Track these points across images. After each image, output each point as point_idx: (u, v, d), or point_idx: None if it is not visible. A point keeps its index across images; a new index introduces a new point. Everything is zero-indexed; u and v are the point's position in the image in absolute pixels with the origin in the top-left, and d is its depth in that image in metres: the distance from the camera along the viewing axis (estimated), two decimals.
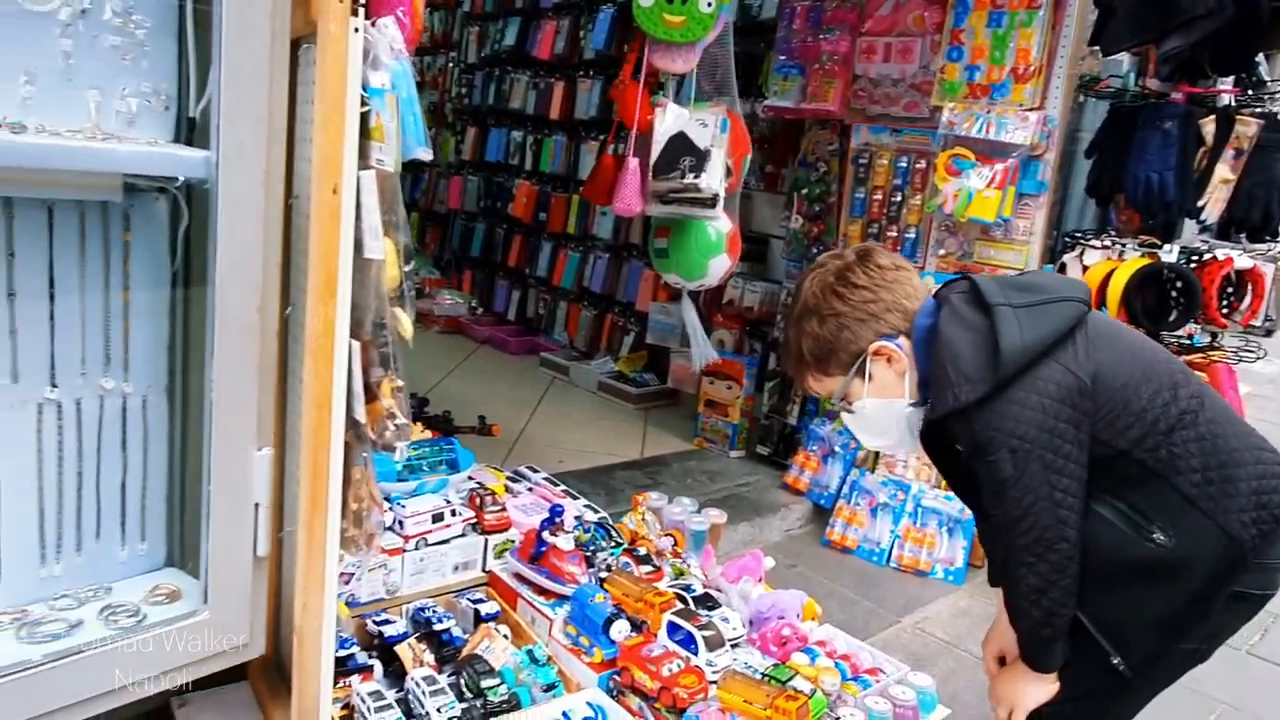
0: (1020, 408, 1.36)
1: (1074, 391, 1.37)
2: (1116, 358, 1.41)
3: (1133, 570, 1.42)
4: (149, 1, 1.44)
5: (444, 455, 2.61)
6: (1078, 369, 1.38)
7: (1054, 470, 1.36)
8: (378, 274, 1.51)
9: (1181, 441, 1.38)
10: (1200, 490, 1.37)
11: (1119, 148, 3.09)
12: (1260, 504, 1.37)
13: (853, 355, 1.53)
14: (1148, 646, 1.44)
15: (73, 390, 1.54)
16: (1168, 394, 1.40)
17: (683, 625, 2.12)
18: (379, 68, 1.45)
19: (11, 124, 1.31)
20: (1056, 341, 1.38)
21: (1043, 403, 1.36)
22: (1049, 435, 1.36)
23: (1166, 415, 1.39)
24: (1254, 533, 1.37)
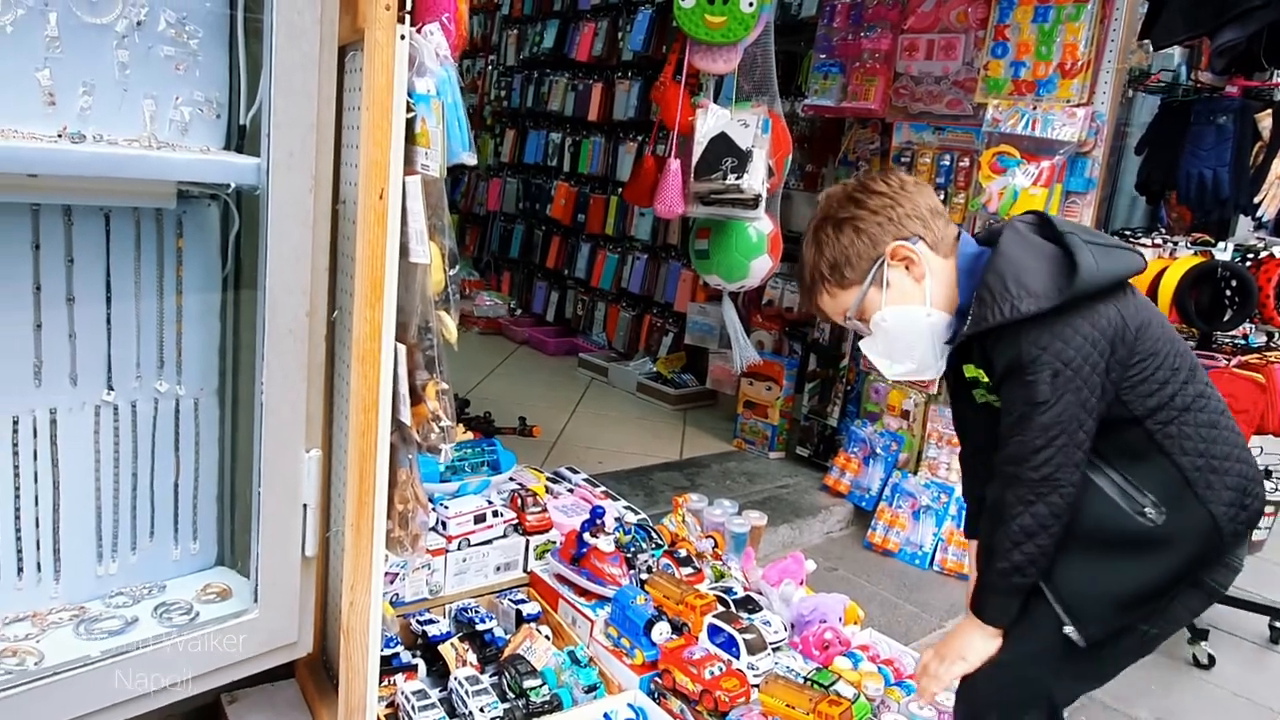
0: (1074, 333, 1.34)
1: (1120, 337, 1.35)
2: (1159, 323, 1.42)
3: (1114, 542, 1.40)
4: (201, 12, 1.48)
5: (486, 456, 2.63)
6: (1130, 317, 1.37)
7: (1085, 408, 1.34)
8: (423, 278, 1.53)
9: (1193, 423, 1.38)
10: (1199, 475, 1.38)
11: (1170, 143, 3.01)
12: (1241, 503, 1.39)
13: (870, 261, 1.48)
14: (1106, 621, 1.42)
15: (128, 393, 1.58)
16: (1188, 373, 1.41)
17: (724, 628, 2.11)
18: (425, 74, 1.46)
19: (72, 134, 1.34)
20: (1120, 283, 1.38)
21: (1094, 336, 1.34)
22: (1090, 370, 1.34)
23: (1184, 394, 1.39)
24: (1231, 529, 1.39)
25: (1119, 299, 1.37)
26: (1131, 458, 1.40)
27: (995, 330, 1.36)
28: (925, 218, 1.48)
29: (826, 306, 1.56)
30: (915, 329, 1.49)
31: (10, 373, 1.45)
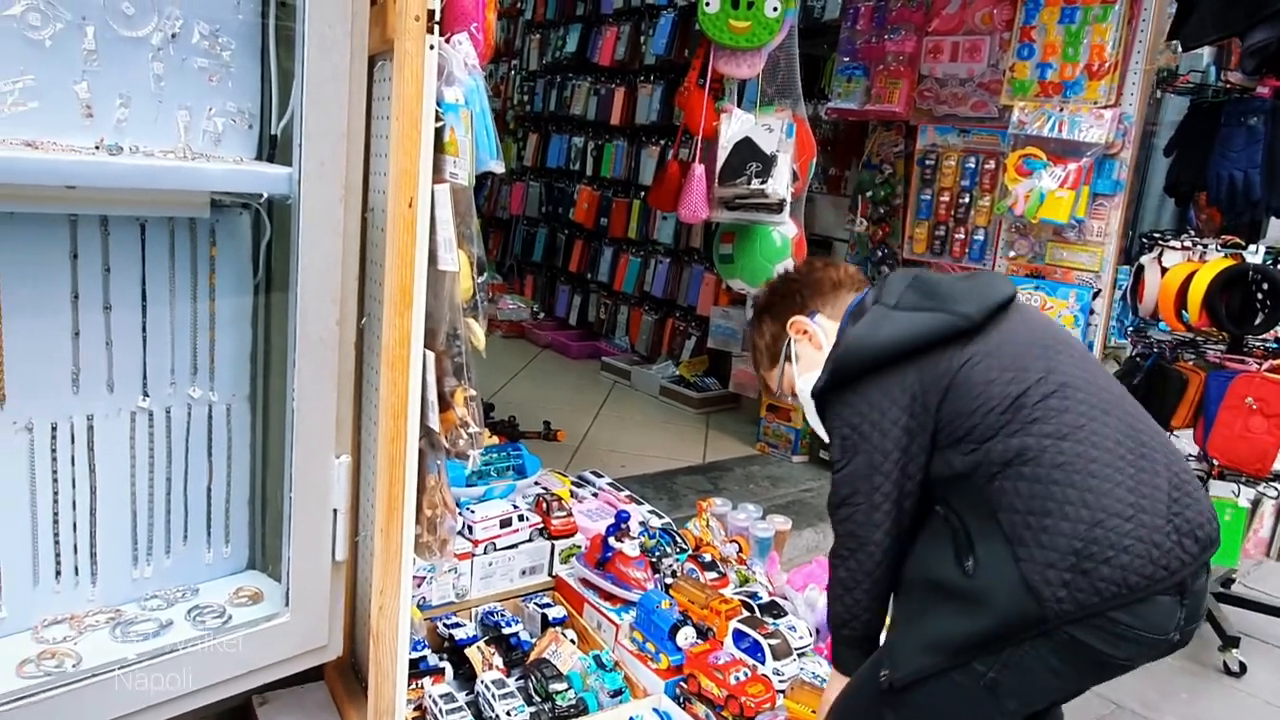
0: (862, 400, 1.40)
1: (916, 402, 1.37)
2: (985, 377, 1.35)
3: (934, 588, 1.38)
4: (234, 24, 1.50)
5: (511, 461, 2.65)
6: (933, 380, 1.36)
7: (878, 471, 1.38)
8: (452, 285, 1.54)
9: (1013, 478, 1.30)
10: (1017, 532, 1.28)
11: (1200, 145, 2.98)
12: (1080, 569, 1.24)
13: (775, 340, 1.64)
14: (912, 663, 1.36)
15: (163, 399, 1.61)
16: (1019, 426, 1.31)
17: (749, 633, 2.11)
18: (453, 83, 1.48)
19: (109, 146, 1.37)
20: (914, 349, 1.38)
21: (883, 403, 1.38)
22: (881, 435, 1.37)
23: (1006, 449, 1.31)
24: (1062, 594, 1.24)
25: (922, 361, 1.37)
26: (970, 508, 1.36)
27: (818, 396, 1.50)
28: (825, 292, 1.61)
29: (771, 387, 1.70)
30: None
31: (49, 380, 1.48)
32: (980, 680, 1.30)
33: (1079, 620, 1.24)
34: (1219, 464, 2.73)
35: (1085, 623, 1.25)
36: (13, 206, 1.37)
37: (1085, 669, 1.30)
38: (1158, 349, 2.85)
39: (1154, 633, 1.27)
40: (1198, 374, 2.71)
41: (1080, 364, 1.40)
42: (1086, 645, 1.26)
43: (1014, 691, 1.31)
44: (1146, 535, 1.25)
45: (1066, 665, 1.28)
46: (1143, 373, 2.80)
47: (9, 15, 1.29)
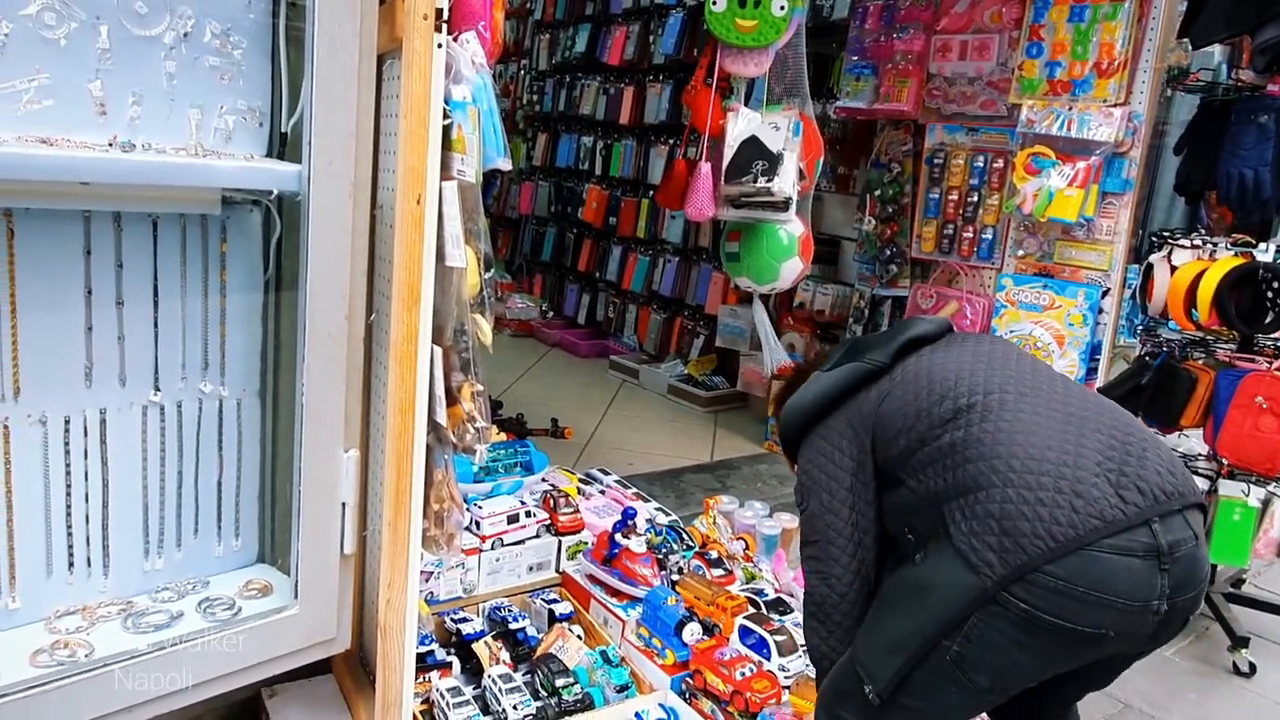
0: (809, 448, 1.59)
1: (849, 441, 1.52)
2: (900, 404, 1.48)
3: (891, 594, 1.45)
4: (245, 23, 1.52)
5: (519, 457, 2.66)
6: (858, 422, 1.53)
7: (829, 510, 1.51)
8: (459, 282, 1.56)
9: (941, 472, 1.38)
10: (951, 515, 1.34)
11: (1210, 143, 2.97)
12: (1004, 531, 1.27)
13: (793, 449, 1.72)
14: (884, 671, 1.38)
15: (174, 394, 1.63)
16: (940, 429, 1.40)
17: (755, 629, 2.12)
18: (461, 81, 1.49)
19: (122, 143, 1.39)
20: (838, 398, 1.57)
21: (825, 448, 1.55)
22: (827, 477, 1.53)
23: (934, 451, 1.40)
24: (991, 558, 1.26)
25: (849, 406, 1.55)
26: (928, 524, 1.40)
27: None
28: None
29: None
30: None
31: (63, 374, 1.50)
32: (946, 655, 1.32)
33: (1017, 581, 1.25)
34: (1228, 463, 2.72)
35: (1023, 583, 1.25)
36: (28, 203, 1.39)
37: (1047, 639, 1.27)
38: (1167, 348, 2.85)
39: (1123, 597, 1.23)
40: (1207, 373, 2.71)
41: (1004, 365, 1.47)
42: (1036, 611, 1.24)
43: (979, 665, 1.30)
44: (1068, 487, 1.26)
45: (1028, 636, 1.27)
46: (1152, 372, 2.79)
47: (25, 15, 1.31)
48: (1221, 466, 2.76)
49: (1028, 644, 1.28)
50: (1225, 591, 2.95)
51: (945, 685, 1.34)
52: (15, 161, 1.29)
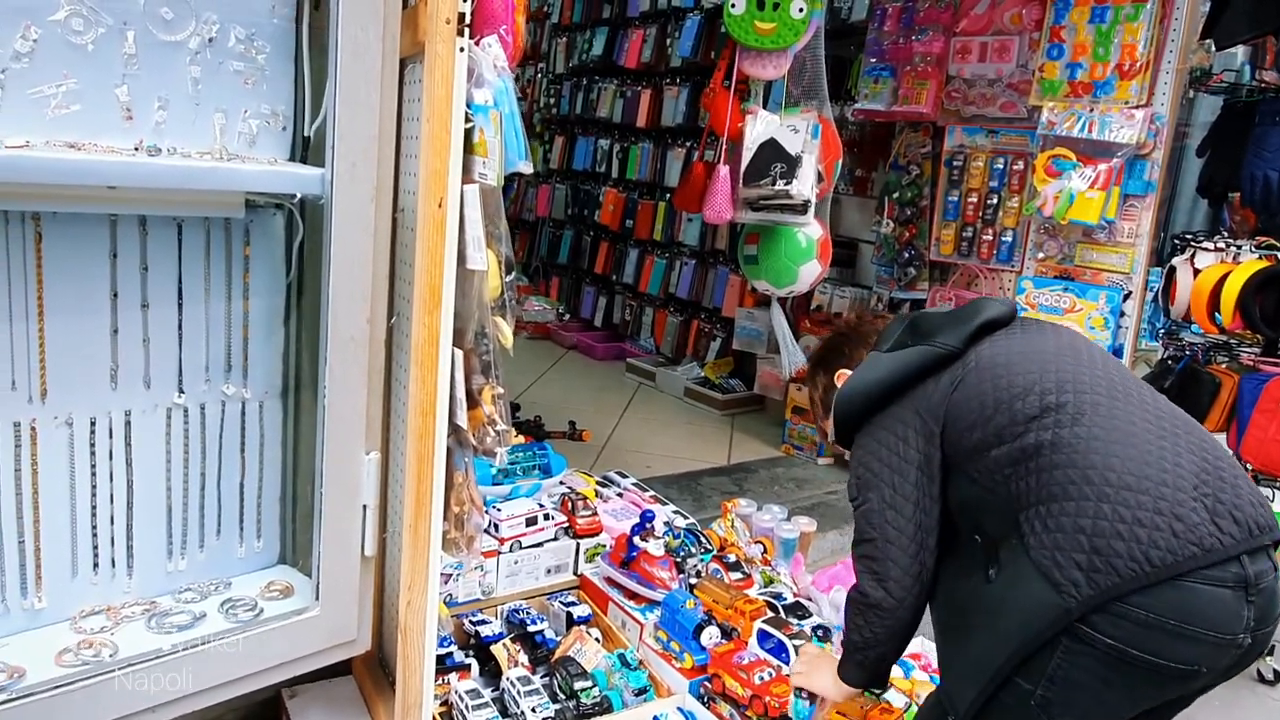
0: (870, 439, 1.48)
1: (916, 431, 1.42)
2: (976, 393, 1.38)
3: (966, 612, 1.37)
4: (269, 28, 1.53)
5: (537, 460, 2.66)
6: (926, 411, 1.42)
7: (891, 507, 1.42)
8: (480, 284, 1.56)
9: (1023, 475, 1.29)
10: (1030, 524, 1.26)
11: (1233, 144, 2.94)
12: (1094, 548, 1.20)
13: (833, 392, 1.64)
14: (964, 697, 1.33)
15: (198, 396, 1.64)
16: (1023, 427, 1.31)
17: (774, 633, 2.11)
18: (483, 85, 1.50)
19: (148, 147, 1.40)
20: (904, 384, 1.45)
21: (888, 438, 1.44)
22: (890, 471, 1.43)
23: (1013, 451, 1.31)
24: (1077, 576, 1.20)
25: (914, 395, 1.44)
26: (999, 525, 1.34)
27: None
28: (871, 345, 1.61)
29: (829, 435, 1.68)
30: None
31: (89, 376, 1.52)
32: (1031, 699, 1.25)
33: (1101, 610, 1.18)
34: (1253, 468, 2.69)
35: (1108, 614, 1.18)
36: (55, 207, 1.41)
37: (1138, 678, 1.21)
38: (1190, 352, 2.82)
39: (1215, 630, 1.18)
40: (1231, 377, 2.68)
41: (1090, 363, 1.38)
42: (1125, 647, 1.18)
43: (1067, 707, 1.25)
44: (1167, 509, 1.19)
45: (1115, 674, 1.21)
46: (1174, 375, 2.76)
47: (53, 20, 1.32)
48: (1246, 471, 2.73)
49: (1116, 682, 1.22)
50: None
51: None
52: (43, 166, 1.31)
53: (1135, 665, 1.20)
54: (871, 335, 1.65)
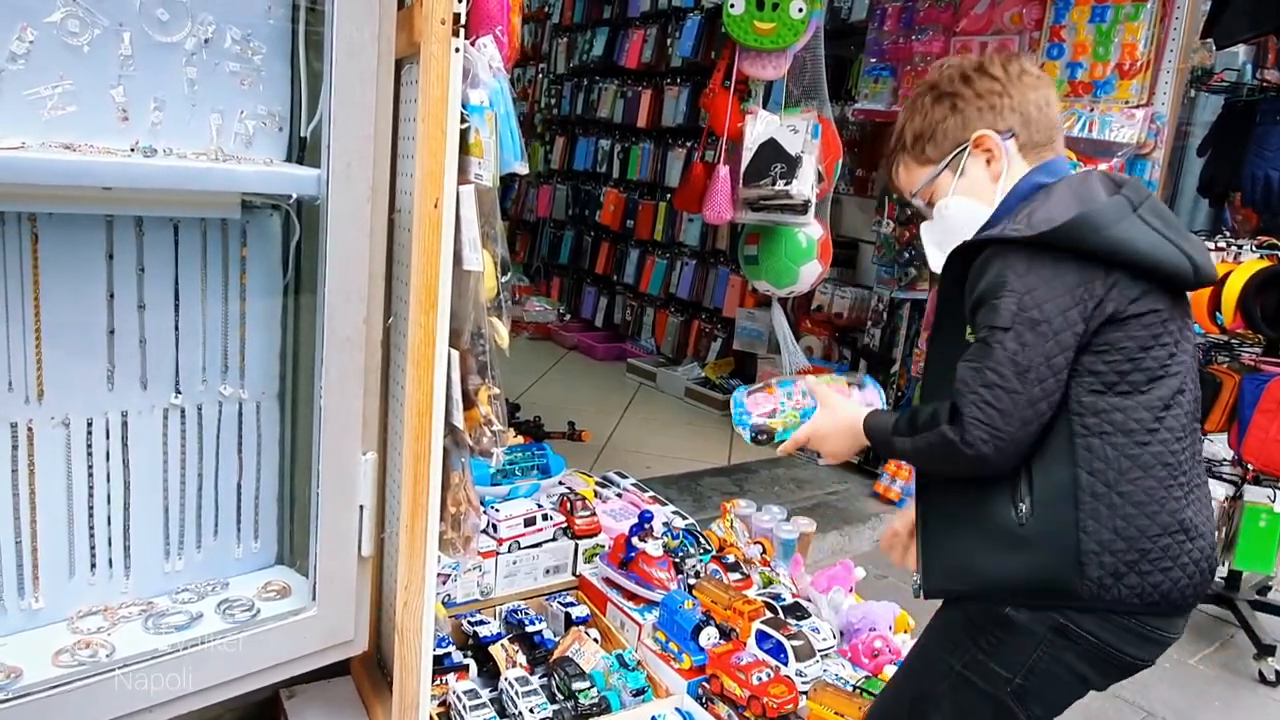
0: (1055, 275, 1.18)
1: (1093, 302, 1.18)
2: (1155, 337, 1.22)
3: (979, 516, 1.26)
4: (265, 29, 1.53)
5: (536, 460, 2.66)
6: (1118, 296, 1.19)
7: (1049, 364, 1.18)
8: (476, 285, 1.56)
9: (1121, 447, 1.20)
10: (1093, 504, 1.19)
11: (1234, 144, 2.94)
12: (1139, 568, 1.19)
13: (954, 143, 1.38)
14: (935, 582, 1.33)
15: (194, 396, 1.64)
16: (1159, 403, 1.21)
17: (772, 634, 2.11)
18: (478, 86, 1.49)
19: (144, 149, 1.40)
20: (1140, 266, 1.19)
21: (1080, 293, 1.18)
22: (1064, 324, 1.18)
23: (1131, 416, 1.21)
24: (1109, 582, 1.19)
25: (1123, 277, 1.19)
26: (1046, 448, 1.23)
27: (990, 242, 1.25)
28: (1029, 116, 1.35)
29: (900, 179, 1.47)
30: (972, 227, 1.35)
31: (86, 377, 1.52)
32: (1008, 687, 1.27)
33: (1107, 613, 1.21)
34: (1254, 468, 2.69)
35: (1111, 619, 1.22)
36: (51, 207, 1.41)
37: (1109, 672, 1.28)
38: None
39: (1174, 633, 1.28)
40: (1232, 377, 2.67)
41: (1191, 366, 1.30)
42: (1107, 648, 1.23)
43: (1041, 697, 1.28)
44: (1205, 563, 1.25)
45: (1093, 669, 1.26)
46: None
47: (49, 22, 1.32)
48: (1246, 472, 2.73)
49: (1090, 678, 1.27)
50: (1250, 599, 2.91)
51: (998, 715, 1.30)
52: (39, 167, 1.30)
53: (1110, 662, 1.25)
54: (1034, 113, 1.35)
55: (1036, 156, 1.37)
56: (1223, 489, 2.74)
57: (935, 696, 1.34)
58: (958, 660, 1.31)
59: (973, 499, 1.28)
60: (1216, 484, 2.75)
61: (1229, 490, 2.73)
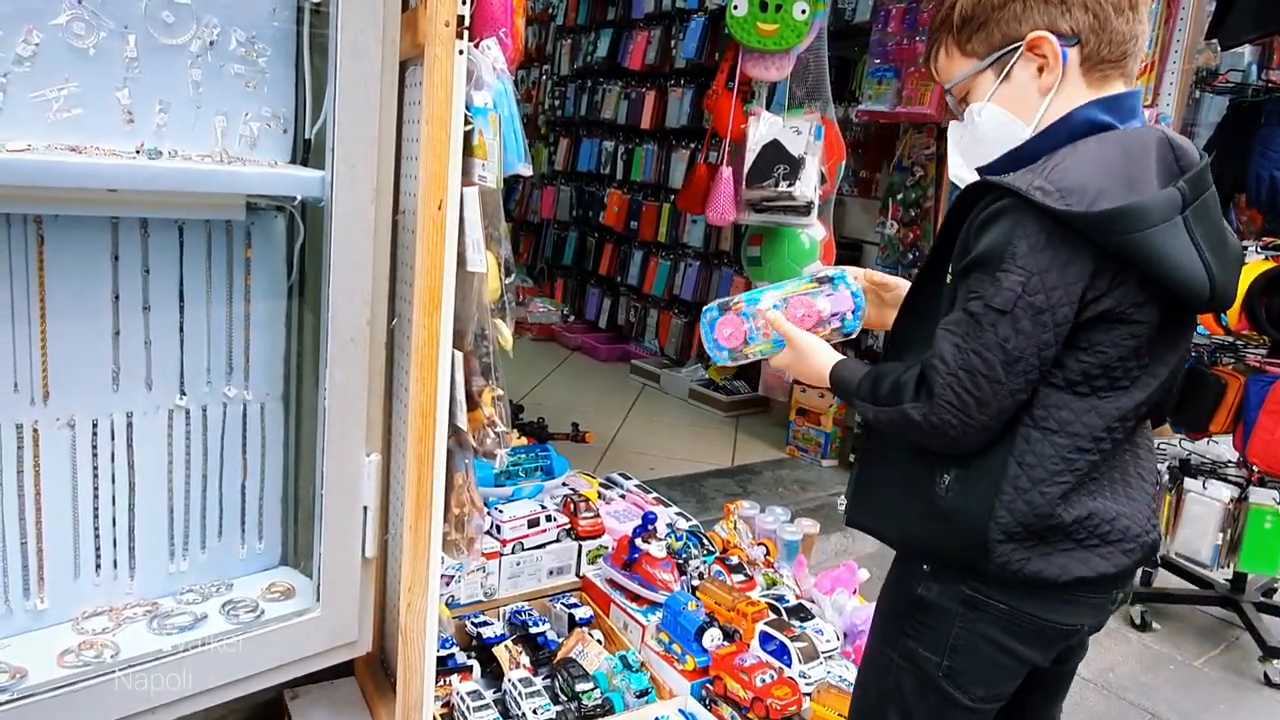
0: (1071, 260, 1.05)
1: (1094, 304, 1.07)
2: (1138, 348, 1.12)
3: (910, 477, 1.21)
4: (269, 31, 1.53)
5: (539, 462, 2.66)
6: (1120, 297, 1.07)
7: (1039, 351, 1.08)
8: (480, 287, 1.56)
9: (1063, 443, 1.12)
10: (1015, 484, 1.12)
11: (1240, 145, 2.93)
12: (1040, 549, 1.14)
13: (1004, 38, 1.17)
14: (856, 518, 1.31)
15: (199, 397, 1.65)
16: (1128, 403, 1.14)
17: (776, 636, 2.10)
18: (482, 87, 1.50)
19: (149, 151, 1.40)
20: (1154, 272, 1.05)
21: (1085, 284, 1.06)
22: (1066, 309, 1.06)
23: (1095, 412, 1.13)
24: (1011, 562, 1.14)
25: (1130, 286, 1.07)
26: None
27: (1004, 192, 1.08)
28: (1105, 19, 1.13)
29: (939, 63, 1.27)
30: (1003, 144, 1.20)
31: (91, 378, 1.52)
32: (939, 671, 1.23)
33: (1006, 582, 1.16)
34: (1259, 470, 2.68)
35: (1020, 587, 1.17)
36: (57, 209, 1.42)
37: (1034, 640, 1.21)
38: (1196, 353, 2.80)
39: (1096, 592, 1.20)
40: (1237, 378, 2.66)
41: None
42: (1030, 615, 1.18)
43: (974, 677, 1.23)
44: (1143, 548, 1.19)
45: (1015, 640, 1.20)
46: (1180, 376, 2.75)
47: (55, 24, 1.33)
48: (1251, 474, 2.72)
49: (1010, 645, 1.21)
50: (1256, 601, 2.90)
51: (943, 706, 1.25)
52: (45, 169, 1.31)
53: (1029, 629, 1.19)
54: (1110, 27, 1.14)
55: (1101, 80, 1.16)
56: (1228, 491, 2.73)
57: (888, 691, 1.31)
58: (894, 651, 1.28)
59: (909, 455, 1.21)
60: (1221, 486, 2.75)
61: (1234, 492, 2.72)
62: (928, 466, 1.19)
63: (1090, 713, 2.43)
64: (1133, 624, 2.93)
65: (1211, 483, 2.76)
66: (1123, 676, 2.62)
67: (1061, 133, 1.14)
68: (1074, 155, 1.09)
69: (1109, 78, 1.16)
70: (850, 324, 1.39)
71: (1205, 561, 2.77)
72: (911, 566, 1.27)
